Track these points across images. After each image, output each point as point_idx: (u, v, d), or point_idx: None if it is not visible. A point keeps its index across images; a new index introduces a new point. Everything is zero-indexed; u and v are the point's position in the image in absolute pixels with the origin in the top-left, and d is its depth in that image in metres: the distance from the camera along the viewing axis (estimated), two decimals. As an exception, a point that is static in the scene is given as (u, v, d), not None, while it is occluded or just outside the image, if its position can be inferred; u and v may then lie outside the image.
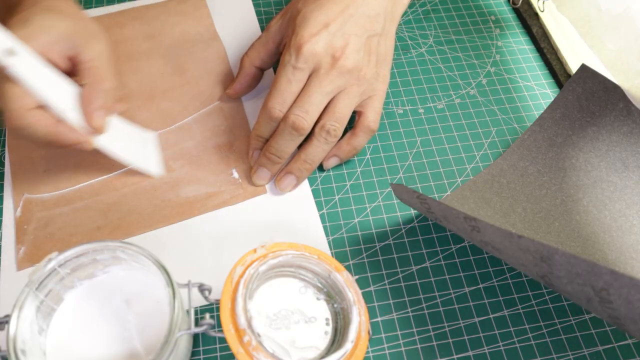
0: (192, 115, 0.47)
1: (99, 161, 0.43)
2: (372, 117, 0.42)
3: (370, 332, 0.33)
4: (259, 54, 0.45)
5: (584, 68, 0.44)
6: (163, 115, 0.47)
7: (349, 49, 0.39)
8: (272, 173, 0.43)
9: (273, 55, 0.45)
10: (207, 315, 0.30)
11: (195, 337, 0.37)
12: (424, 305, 0.39)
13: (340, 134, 0.41)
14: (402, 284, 0.39)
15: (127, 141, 0.42)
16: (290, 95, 0.40)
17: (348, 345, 0.30)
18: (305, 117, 0.39)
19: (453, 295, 0.39)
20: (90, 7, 0.54)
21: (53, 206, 0.42)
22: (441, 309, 0.38)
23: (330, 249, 0.41)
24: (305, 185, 0.44)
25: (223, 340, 0.37)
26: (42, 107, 0.36)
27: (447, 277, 0.40)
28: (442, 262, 0.40)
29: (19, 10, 0.37)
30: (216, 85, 0.48)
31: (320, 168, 0.44)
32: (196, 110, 0.47)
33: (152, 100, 0.47)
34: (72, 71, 0.38)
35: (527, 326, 0.38)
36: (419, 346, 0.37)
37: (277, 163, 0.42)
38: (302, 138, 0.41)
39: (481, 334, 0.37)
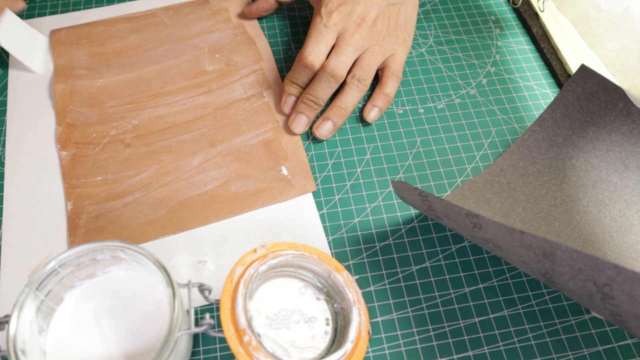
0: (240, 111, 0.47)
1: (149, 156, 0.44)
2: (394, 66, 0.48)
3: (370, 332, 0.33)
4: None
5: (583, 68, 0.44)
6: (211, 111, 0.47)
7: (370, 16, 0.46)
8: (310, 120, 0.46)
9: None
10: (207, 315, 0.30)
11: (195, 337, 0.37)
12: (424, 305, 0.39)
13: (369, 84, 0.46)
14: (402, 284, 0.39)
15: (16, 35, 0.46)
16: (323, 47, 0.45)
17: (348, 345, 0.30)
18: (341, 66, 0.45)
19: (453, 295, 0.39)
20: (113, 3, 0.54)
21: (104, 200, 0.42)
22: (441, 309, 0.38)
23: (330, 249, 0.41)
24: (305, 185, 0.44)
25: (223, 340, 0.37)
26: None
27: (447, 277, 0.40)
28: (442, 262, 0.40)
29: None
30: (263, 82, 0.49)
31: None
32: (243, 106, 0.48)
33: (199, 95, 0.48)
34: None
35: (527, 326, 0.38)
36: (419, 346, 0.37)
37: (315, 109, 0.46)
38: (337, 85, 0.45)
39: (481, 334, 0.37)
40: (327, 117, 0.46)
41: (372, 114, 0.47)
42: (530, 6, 0.55)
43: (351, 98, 0.46)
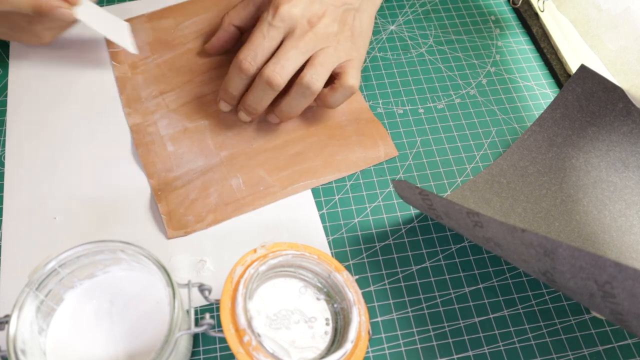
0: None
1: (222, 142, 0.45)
2: (348, 77, 0.42)
3: (370, 332, 0.33)
4: (239, 14, 0.46)
5: (583, 68, 0.44)
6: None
7: (326, 17, 0.41)
8: (252, 120, 0.45)
9: (252, 17, 0.46)
10: (207, 315, 0.30)
11: (195, 337, 0.37)
12: (424, 305, 0.39)
13: (320, 88, 0.41)
14: (402, 284, 0.39)
15: (103, 21, 0.46)
16: (262, 51, 0.41)
17: (348, 346, 0.30)
18: (280, 72, 0.40)
19: (453, 295, 0.39)
20: None
21: (183, 184, 0.43)
22: (441, 309, 0.38)
23: (330, 249, 0.41)
24: (305, 185, 0.44)
25: (223, 340, 0.37)
26: None
27: (447, 277, 0.40)
28: (442, 262, 0.40)
29: None
30: None
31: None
32: None
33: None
34: None
35: (527, 326, 0.38)
36: (419, 346, 0.37)
37: (252, 114, 0.44)
38: (275, 93, 0.41)
39: (481, 334, 0.37)
40: (270, 116, 0.45)
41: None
42: (530, 6, 0.55)
43: (295, 103, 0.42)
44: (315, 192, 0.43)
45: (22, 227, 0.41)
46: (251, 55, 0.41)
